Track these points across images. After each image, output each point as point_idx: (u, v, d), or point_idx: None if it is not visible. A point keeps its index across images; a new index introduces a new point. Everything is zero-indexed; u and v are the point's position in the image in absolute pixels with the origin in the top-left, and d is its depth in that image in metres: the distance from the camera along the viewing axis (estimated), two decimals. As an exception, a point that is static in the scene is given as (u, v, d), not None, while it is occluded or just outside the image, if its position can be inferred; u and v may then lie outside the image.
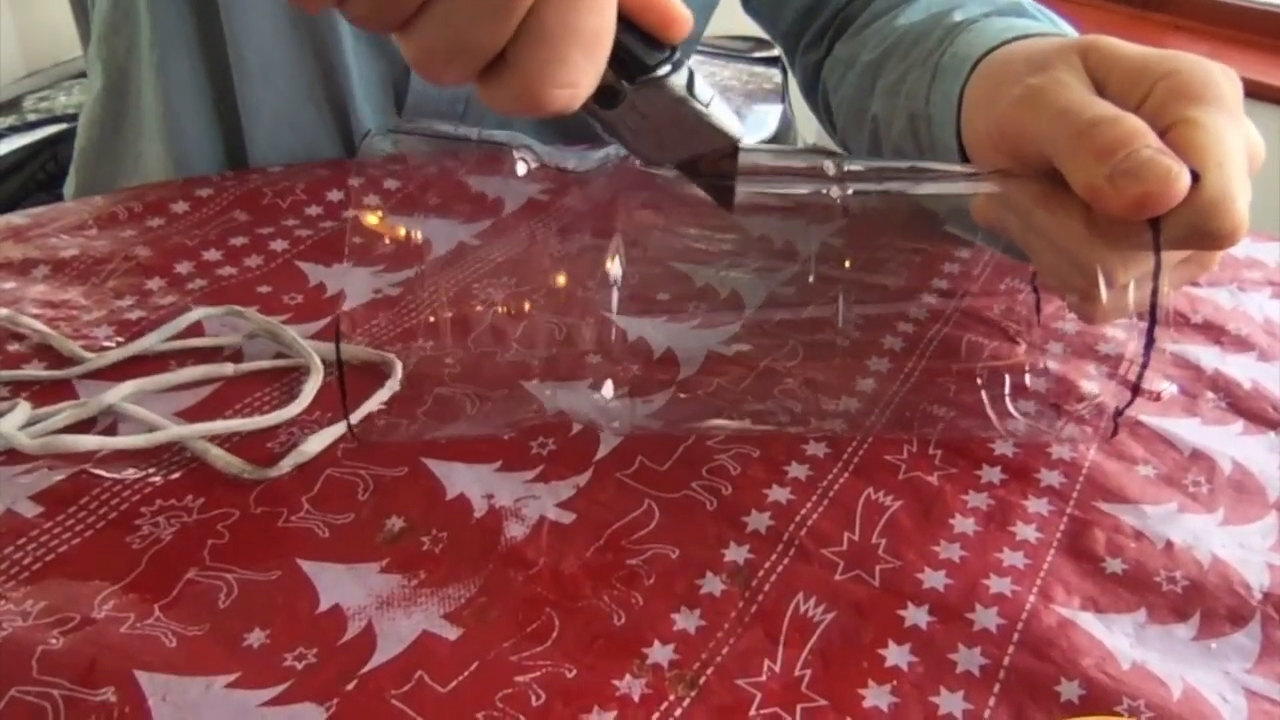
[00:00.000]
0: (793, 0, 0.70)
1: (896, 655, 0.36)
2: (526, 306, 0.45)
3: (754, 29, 0.78)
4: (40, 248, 0.56)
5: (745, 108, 1.63)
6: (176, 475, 0.42)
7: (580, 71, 0.33)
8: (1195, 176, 0.36)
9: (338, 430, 0.44)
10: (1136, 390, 0.39)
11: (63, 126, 0.93)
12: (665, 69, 0.36)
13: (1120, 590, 0.38)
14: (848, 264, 0.42)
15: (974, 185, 0.43)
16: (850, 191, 0.41)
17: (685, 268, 0.48)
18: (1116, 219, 0.37)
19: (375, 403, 0.45)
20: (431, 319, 0.46)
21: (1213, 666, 0.36)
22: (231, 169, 0.69)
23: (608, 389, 0.43)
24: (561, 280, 0.44)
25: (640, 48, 0.35)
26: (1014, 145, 0.41)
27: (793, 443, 0.44)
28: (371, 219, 0.44)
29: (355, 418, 0.44)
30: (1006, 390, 0.45)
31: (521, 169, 0.42)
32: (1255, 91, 1.61)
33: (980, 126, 0.45)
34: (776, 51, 0.89)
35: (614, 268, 0.42)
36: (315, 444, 0.43)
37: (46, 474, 0.42)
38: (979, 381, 0.46)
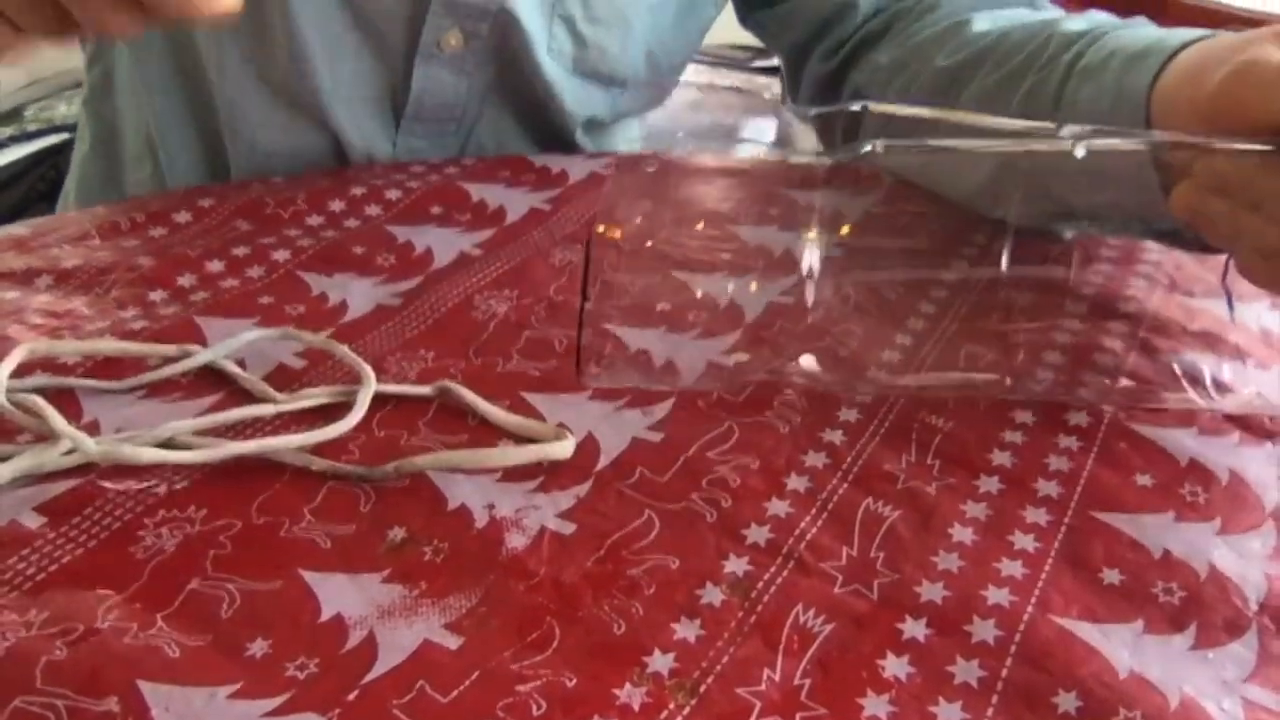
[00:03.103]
0: (805, 13, 0.70)
1: (895, 666, 0.36)
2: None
3: (752, 38, 0.79)
4: (43, 258, 0.57)
5: (743, 116, 1.64)
6: (179, 486, 0.42)
7: None
8: None
9: None
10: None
11: (64, 136, 0.93)
12: None
13: (1118, 600, 0.39)
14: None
15: (1203, 141, 0.44)
16: (1084, 143, 0.43)
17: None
18: None
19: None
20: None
21: (1210, 676, 0.36)
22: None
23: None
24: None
25: None
26: (1230, 121, 0.42)
27: (792, 453, 0.45)
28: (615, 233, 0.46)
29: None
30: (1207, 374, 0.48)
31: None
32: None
33: (1184, 110, 0.46)
34: (775, 61, 0.89)
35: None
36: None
37: (50, 485, 0.42)
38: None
